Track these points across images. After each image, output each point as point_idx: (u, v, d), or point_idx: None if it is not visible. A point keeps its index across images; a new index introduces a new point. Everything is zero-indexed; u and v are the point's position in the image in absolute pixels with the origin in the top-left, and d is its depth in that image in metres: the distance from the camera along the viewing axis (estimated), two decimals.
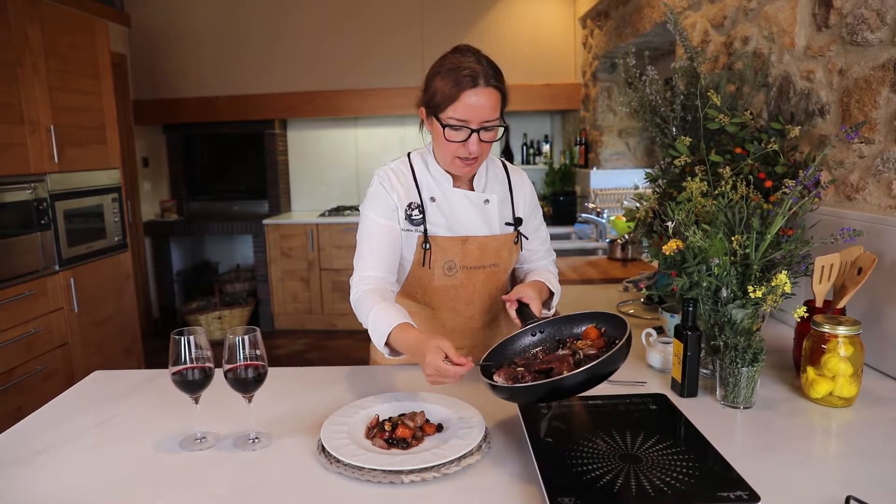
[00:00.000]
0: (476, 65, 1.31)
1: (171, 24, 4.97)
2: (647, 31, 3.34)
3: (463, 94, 1.30)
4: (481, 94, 1.30)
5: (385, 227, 1.44)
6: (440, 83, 1.32)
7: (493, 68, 1.33)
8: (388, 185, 1.45)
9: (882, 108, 1.46)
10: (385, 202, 1.44)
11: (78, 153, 3.23)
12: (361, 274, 1.42)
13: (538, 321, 1.29)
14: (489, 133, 1.35)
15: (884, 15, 1.45)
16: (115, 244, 3.53)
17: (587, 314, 1.28)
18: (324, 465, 1.03)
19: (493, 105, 1.32)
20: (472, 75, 1.30)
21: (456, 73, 1.30)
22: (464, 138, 1.33)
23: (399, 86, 4.87)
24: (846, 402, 1.22)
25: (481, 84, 1.30)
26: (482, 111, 1.31)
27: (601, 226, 3.79)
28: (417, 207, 1.45)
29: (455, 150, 1.36)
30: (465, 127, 1.32)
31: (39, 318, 2.89)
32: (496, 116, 1.34)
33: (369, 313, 1.32)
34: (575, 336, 1.26)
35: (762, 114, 1.97)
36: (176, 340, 1.10)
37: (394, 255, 1.45)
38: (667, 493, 0.87)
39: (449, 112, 1.32)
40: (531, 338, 1.28)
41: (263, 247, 4.95)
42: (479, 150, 1.35)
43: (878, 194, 1.48)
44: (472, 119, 1.31)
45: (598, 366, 1.03)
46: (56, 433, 1.20)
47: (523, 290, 1.37)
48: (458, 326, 1.54)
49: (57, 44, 3.07)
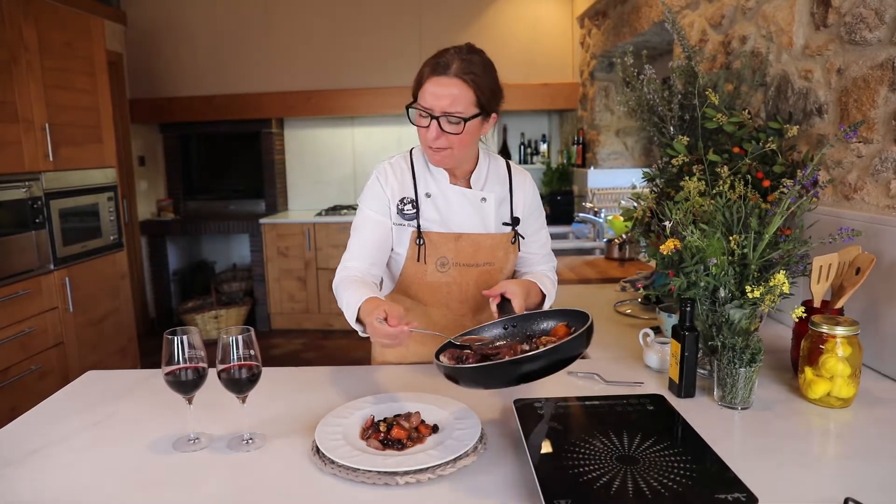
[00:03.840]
0: (452, 56, 1.31)
1: (168, 23, 4.95)
2: (644, 30, 3.33)
3: (427, 82, 1.32)
4: (445, 83, 1.30)
5: (374, 222, 1.46)
6: (421, 70, 1.35)
7: (474, 66, 1.31)
8: (384, 178, 1.47)
9: (880, 107, 1.46)
10: (377, 197, 1.47)
11: (73, 152, 3.21)
12: (346, 264, 1.46)
13: (513, 316, 1.29)
14: (452, 126, 1.33)
15: (882, 14, 1.44)
16: (110, 243, 3.52)
17: (561, 311, 1.27)
18: (318, 467, 1.02)
19: (458, 97, 1.30)
20: (443, 64, 1.30)
21: (430, 62, 1.33)
22: (425, 125, 1.34)
23: (396, 85, 4.86)
24: (844, 402, 1.21)
25: (449, 73, 1.30)
26: (443, 100, 1.31)
27: (598, 225, 3.79)
28: (411, 202, 1.45)
29: (423, 138, 1.38)
30: (427, 114, 1.33)
31: (34, 318, 2.88)
32: (459, 110, 1.32)
33: (342, 296, 1.35)
34: (543, 332, 1.24)
35: (760, 113, 1.96)
36: (169, 340, 1.09)
37: (381, 249, 1.47)
38: (664, 495, 0.86)
39: (418, 98, 1.35)
40: (502, 330, 1.28)
41: (260, 246, 4.94)
42: (438, 140, 1.34)
43: (877, 194, 1.48)
44: (433, 107, 1.32)
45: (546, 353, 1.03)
46: (49, 434, 1.19)
47: (508, 285, 1.36)
48: (450, 324, 1.53)
49: (52, 41, 3.05)
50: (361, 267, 1.44)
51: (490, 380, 1.09)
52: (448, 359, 1.14)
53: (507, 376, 1.06)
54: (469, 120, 1.33)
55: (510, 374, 1.05)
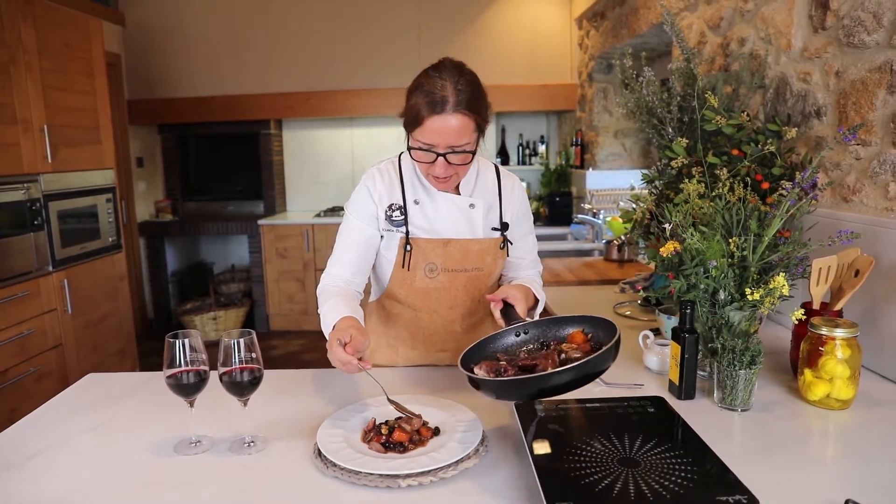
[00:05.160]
0: (446, 90, 1.26)
1: (166, 24, 4.94)
2: (643, 31, 3.34)
3: (427, 120, 1.27)
4: (447, 119, 1.27)
5: (359, 231, 1.46)
6: (412, 101, 1.31)
7: (469, 93, 1.28)
8: (372, 184, 1.46)
9: (879, 109, 1.46)
10: (364, 206, 1.46)
11: (72, 153, 3.21)
12: (330, 270, 1.48)
13: (523, 322, 1.28)
14: (458, 156, 1.32)
15: (880, 17, 1.45)
16: (109, 245, 3.51)
17: (574, 318, 1.25)
18: (320, 470, 1.03)
19: (461, 130, 1.28)
20: (440, 101, 1.26)
21: (426, 96, 1.27)
22: (430, 160, 1.33)
23: (395, 86, 4.86)
24: (843, 404, 1.22)
25: (448, 110, 1.26)
26: (447, 136, 1.28)
27: (597, 227, 3.79)
28: (399, 209, 1.45)
29: (426, 170, 1.38)
30: (431, 150, 1.31)
31: (33, 320, 2.87)
32: (465, 141, 1.30)
33: (323, 306, 1.38)
34: (560, 339, 1.23)
35: (759, 115, 1.97)
36: (171, 343, 1.09)
37: (364, 259, 1.47)
38: (666, 497, 0.86)
39: (416, 135, 1.32)
40: (514, 338, 1.26)
41: (259, 247, 4.94)
42: (447, 173, 1.34)
43: (875, 196, 1.48)
44: (437, 144, 1.30)
45: (587, 365, 1.02)
46: (50, 436, 1.19)
47: (509, 290, 1.36)
48: (440, 329, 1.53)
49: (51, 43, 3.05)
50: (345, 276, 1.45)
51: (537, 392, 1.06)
52: (486, 371, 1.10)
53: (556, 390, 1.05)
54: (475, 150, 1.35)
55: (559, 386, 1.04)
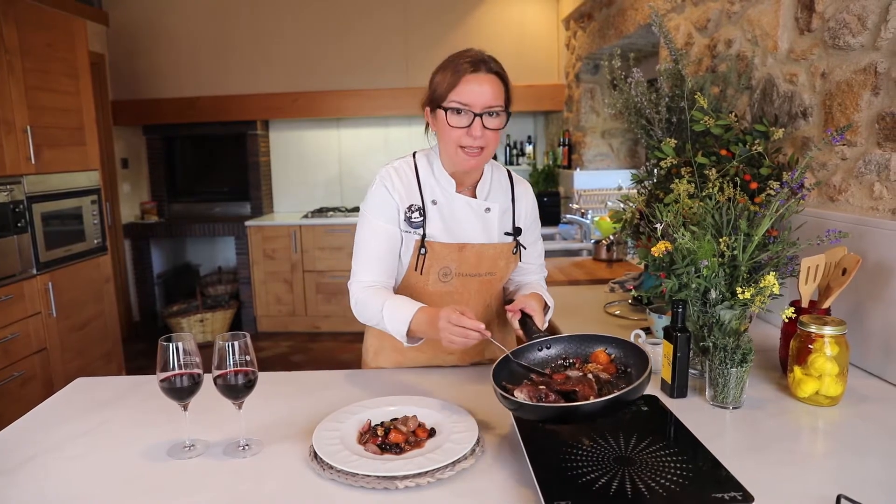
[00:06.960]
0: (483, 55, 1.34)
1: (151, 24, 4.89)
2: (630, 32, 3.36)
3: (463, 79, 1.31)
4: (482, 79, 1.31)
5: (385, 231, 1.42)
6: (440, 76, 1.35)
7: (495, 61, 1.36)
8: (390, 184, 1.42)
9: (864, 110, 1.49)
10: (386, 204, 1.42)
11: (56, 154, 3.16)
12: (359, 277, 1.42)
13: (545, 337, 1.26)
14: (493, 120, 1.33)
15: (865, 20, 1.47)
16: (94, 247, 3.47)
17: (595, 337, 1.24)
18: (316, 472, 1.02)
19: (496, 91, 1.33)
20: (473, 61, 1.32)
21: (456, 62, 1.33)
22: (467, 123, 1.32)
23: (382, 87, 4.86)
24: (832, 400, 1.24)
25: (482, 70, 1.32)
26: (484, 96, 1.31)
27: (585, 226, 3.81)
28: (418, 210, 1.42)
29: (459, 138, 1.34)
30: (467, 110, 1.32)
31: (17, 323, 2.83)
32: (499, 103, 1.33)
33: (382, 308, 1.33)
34: (584, 357, 1.23)
35: (746, 116, 1.99)
36: (164, 347, 1.08)
37: (393, 260, 1.44)
38: (662, 495, 0.87)
39: (451, 97, 1.32)
40: (538, 353, 1.25)
41: (246, 249, 4.90)
42: (483, 137, 1.33)
43: (861, 196, 1.51)
44: (473, 103, 1.31)
45: (625, 394, 1.00)
46: (40, 442, 1.17)
47: (527, 301, 1.35)
48: None
49: (34, 43, 3.00)
50: (379, 280, 1.41)
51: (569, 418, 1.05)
52: (528, 396, 1.06)
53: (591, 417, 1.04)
54: (508, 112, 1.36)
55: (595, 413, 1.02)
